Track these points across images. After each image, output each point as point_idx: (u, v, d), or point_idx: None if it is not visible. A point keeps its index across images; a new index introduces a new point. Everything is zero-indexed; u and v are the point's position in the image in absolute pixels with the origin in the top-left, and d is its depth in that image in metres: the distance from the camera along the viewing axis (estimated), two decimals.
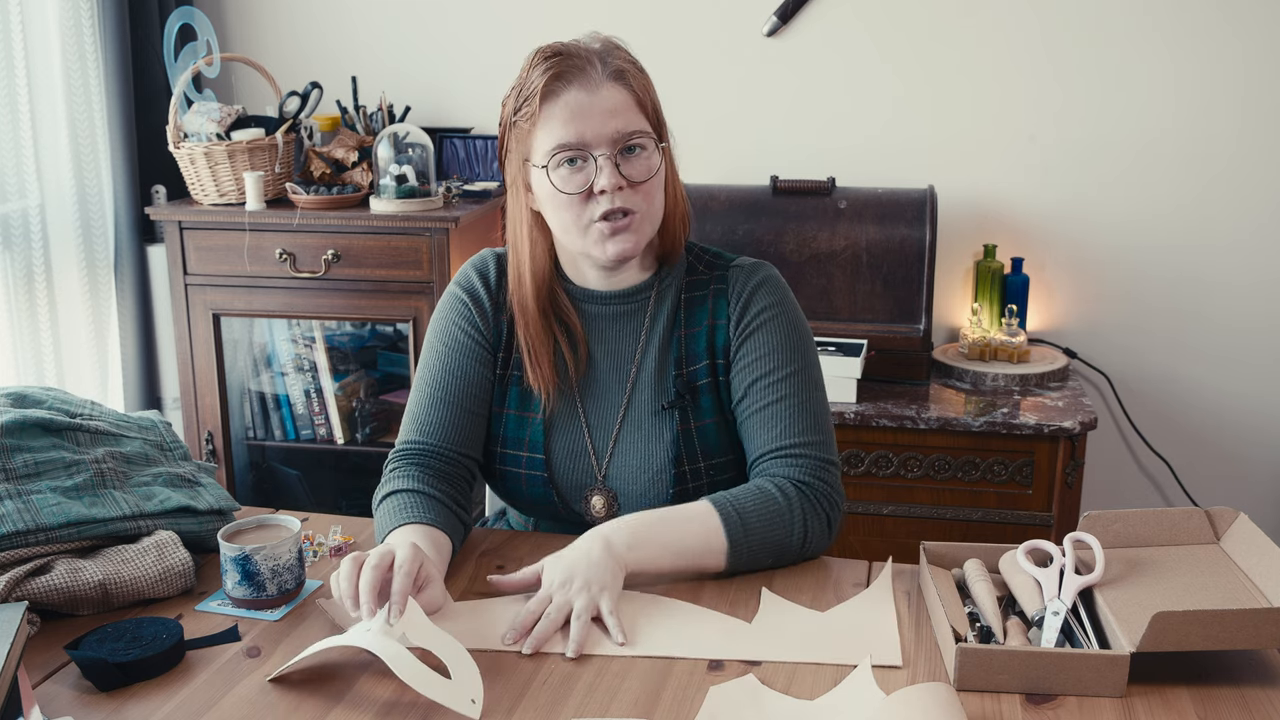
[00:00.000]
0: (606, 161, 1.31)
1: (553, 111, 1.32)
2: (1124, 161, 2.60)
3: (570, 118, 1.31)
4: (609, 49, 1.36)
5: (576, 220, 1.34)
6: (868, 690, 1.08)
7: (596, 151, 1.32)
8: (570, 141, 1.31)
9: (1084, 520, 1.27)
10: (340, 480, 2.95)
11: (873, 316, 2.47)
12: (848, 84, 2.68)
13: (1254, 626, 1.06)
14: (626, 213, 1.33)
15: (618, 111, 1.32)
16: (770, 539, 1.31)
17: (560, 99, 1.32)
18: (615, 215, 1.33)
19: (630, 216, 1.34)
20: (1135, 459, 2.74)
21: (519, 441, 1.45)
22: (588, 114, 1.31)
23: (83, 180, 2.63)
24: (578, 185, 1.33)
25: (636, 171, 1.34)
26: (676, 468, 1.41)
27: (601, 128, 1.31)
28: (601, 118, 1.31)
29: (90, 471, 1.32)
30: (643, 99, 1.35)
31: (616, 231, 1.34)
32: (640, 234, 1.36)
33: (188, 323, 2.66)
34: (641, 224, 1.35)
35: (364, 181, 2.65)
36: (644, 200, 1.35)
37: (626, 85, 1.34)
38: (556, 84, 1.32)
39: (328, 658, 1.14)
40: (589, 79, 1.32)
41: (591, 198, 1.33)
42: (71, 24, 2.55)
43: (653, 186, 1.35)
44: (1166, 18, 2.52)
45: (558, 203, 1.34)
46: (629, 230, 1.34)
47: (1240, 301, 2.62)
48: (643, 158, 1.34)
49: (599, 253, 1.36)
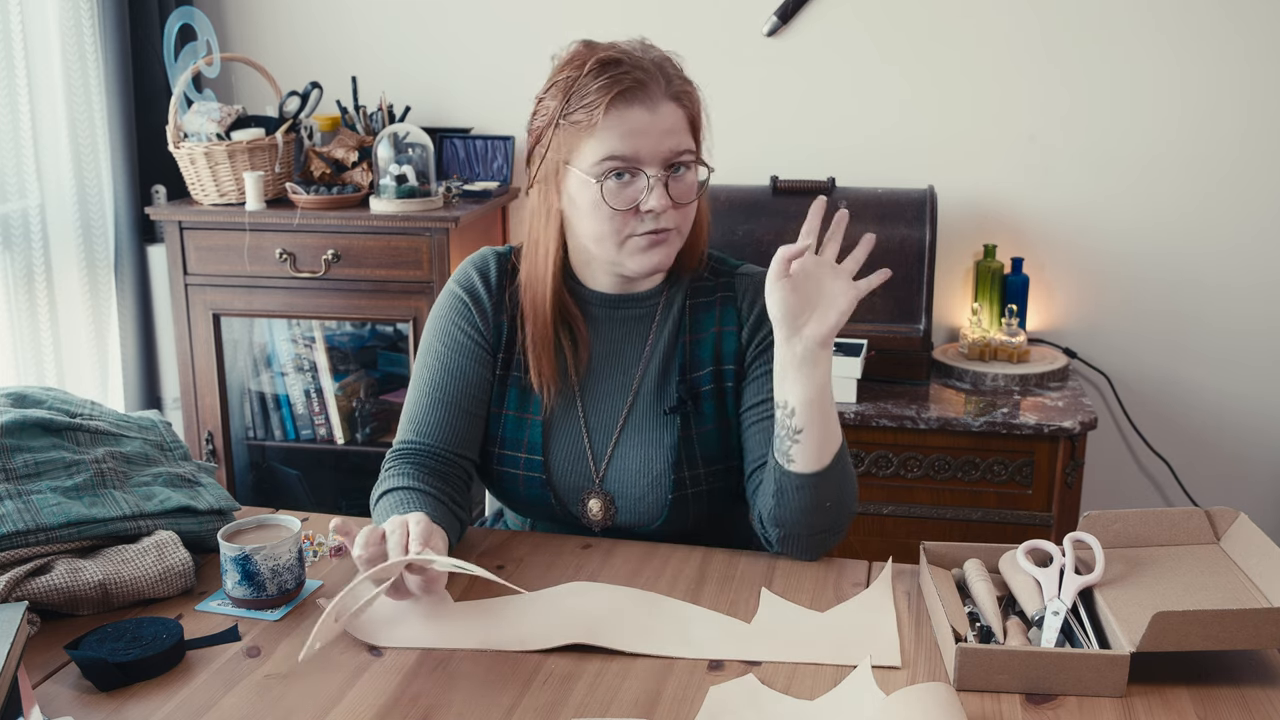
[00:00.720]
0: (658, 183, 1.31)
1: (612, 124, 1.30)
2: (1125, 161, 2.60)
3: (629, 133, 1.30)
4: (664, 64, 1.35)
5: (616, 233, 1.34)
6: (868, 690, 1.08)
7: (649, 170, 1.31)
8: (625, 155, 1.30)
9: (1084, 520, 1.28)
10: (340, 480, 2.95)
11: (873, 316, 2.47)
12: (848, 84, 2.68)
13: (1254, 626, 1.06)
14: (665, 230, 1.34)
15: (673, 131, 1.32)
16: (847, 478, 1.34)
17: (623, 114, 1.30)
18: (657, 231, 1.34)
19: (667, 233, 1.35)
20: (1135, 459, 2.74)
21: (517, 443, 1.44)
22: (647, 133, 1.31)
23: (83, 180, 2.63)
24: (626, 201, 1.32)
25: (682, 192, 1.34)
26: (676, 473, 1.41)
27: (657, 147, 1.31)
28: (658, 137, 1.31)
29: (90, 471, 1.32)
30: (695, 121, 1.36)
31: (654, 245, 1.35)
32: (673, 249, 1.37)
33: (188, 323, 2.66)
34: (675, 240, 1.37)
35: (364, 181, 2.65)
36: (683, 218, 1.36)
37: (684, 108, 1.34)
38: (621, 99, 1.30)
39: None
40: (651, 97, 1.31)
41: (636, 214, 1.33)
42: (71, 24, 2.55)
43: (692, 206, 1.37)
44: (1168, 18, 2.51)
45: (600, 214, 1.33)
46: (664, 245, 1.35)
47: (1241, 303, 2.62)
48: (688, 178, 1.35)
49: (634, 265, 1.36)
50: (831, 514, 1.33)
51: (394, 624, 1.21)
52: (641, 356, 1.45)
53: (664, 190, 1.32)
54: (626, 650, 1.16)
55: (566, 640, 1.17)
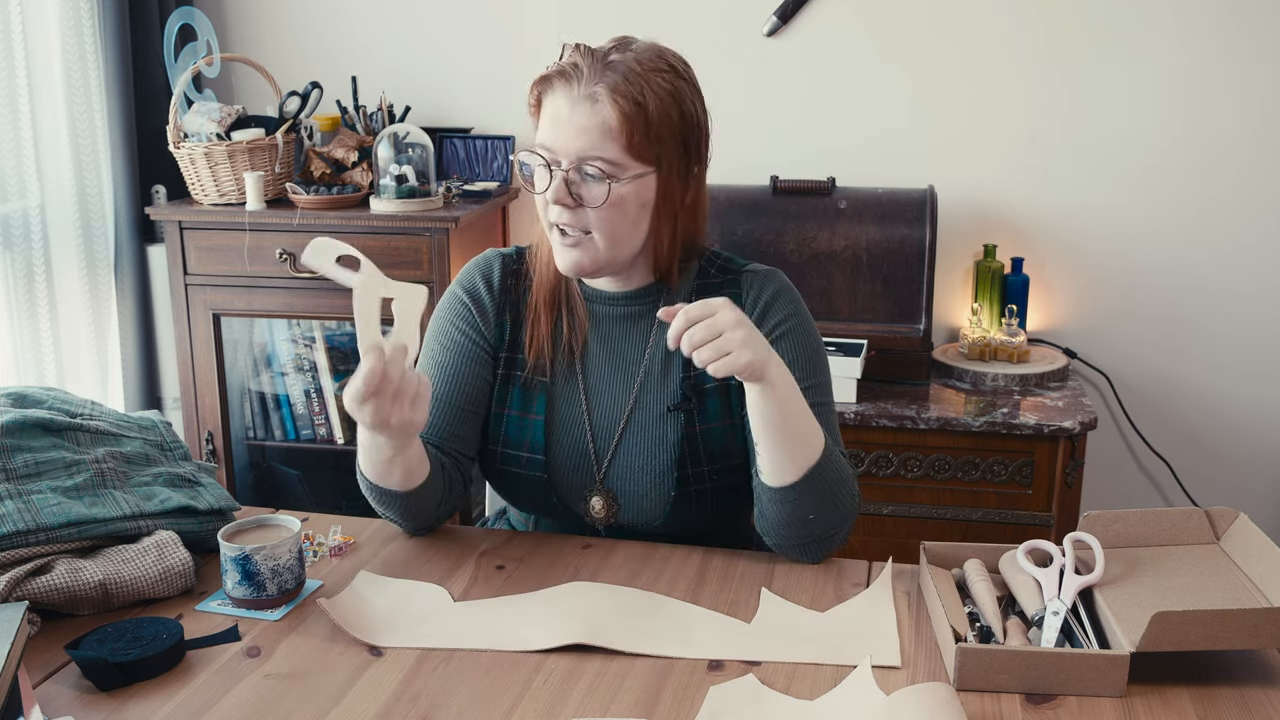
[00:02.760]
0: (560, 174, 1.32)
1: (544, 112, 1.34)
2: (1125, 162, 2.60)
3: (549, 121, 1.33)
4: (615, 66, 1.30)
5: (545, 221, 1.37)
6: (867, 690, 1.08)
7: (562, 161, 1.32)
8: (543, 142, 1.33)
9: (1084, 520, 1.28)
10: (340, 480, 2.95)
11: (873, 316, 2.47)
12: (848, 84, 2.68)
13: (1254, 626, 1.06)
14: (583, 229, 1.34)
15: (584, 132, 1.30)
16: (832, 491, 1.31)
17: (548, 101, 1.33)
18: (565, 229, 1.34)
19: (582, 235, 1.34)
20: (1135, 459, 2.74)
21: (519, 442, 1.45)
22: (559, 126, 1.32)
23: (83, 180, 2.63)
24: (537, 188, 1.34)
25: (589, 196, 1.32)
26: (680, 470, 1.41)
27: (568, 143, 1.31)
28: (570, 132, 1.31)
29: (90, 471, 1.32)
30: (621, 128, 1.29)
31: (567, 246, 1.36)
32: (591, 254, 1.35)
33: (188, 323, 2.66)
34: (592, 246, 1.35)
35: (364, 181, 2.65)
36: (600, 223, 1.33)
37: (600, 112, 1.29)
38: (545, 86, 1.33)
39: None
40: (570, 90, 1.31)
41: (548, 205, 1.34)
42: (71, 24, 2.55)
43: (609, 214, 1.32)
44: (1169, 17, 2.51)
45: (536, 201, 1.37)
46: (578, 248, 1.35)
47: (1242, 305, 2.61)
48: (594, 184, 1.31)
49: (556, 259, 1.38)
50: (817, 525, 1.32)
51: (394, 624, 1.21)
52: (644, 354, 1.45)
53: (563, 185, 1.31)
54: (626, 650, 1.16)
55: (566, 640, 1.17)
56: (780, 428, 1.27)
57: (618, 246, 1.36)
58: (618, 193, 1.31)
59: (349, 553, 1.39)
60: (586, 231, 1.34)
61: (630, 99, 1.29)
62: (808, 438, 1.29)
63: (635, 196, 1.33)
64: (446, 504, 1.42)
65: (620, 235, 1.35)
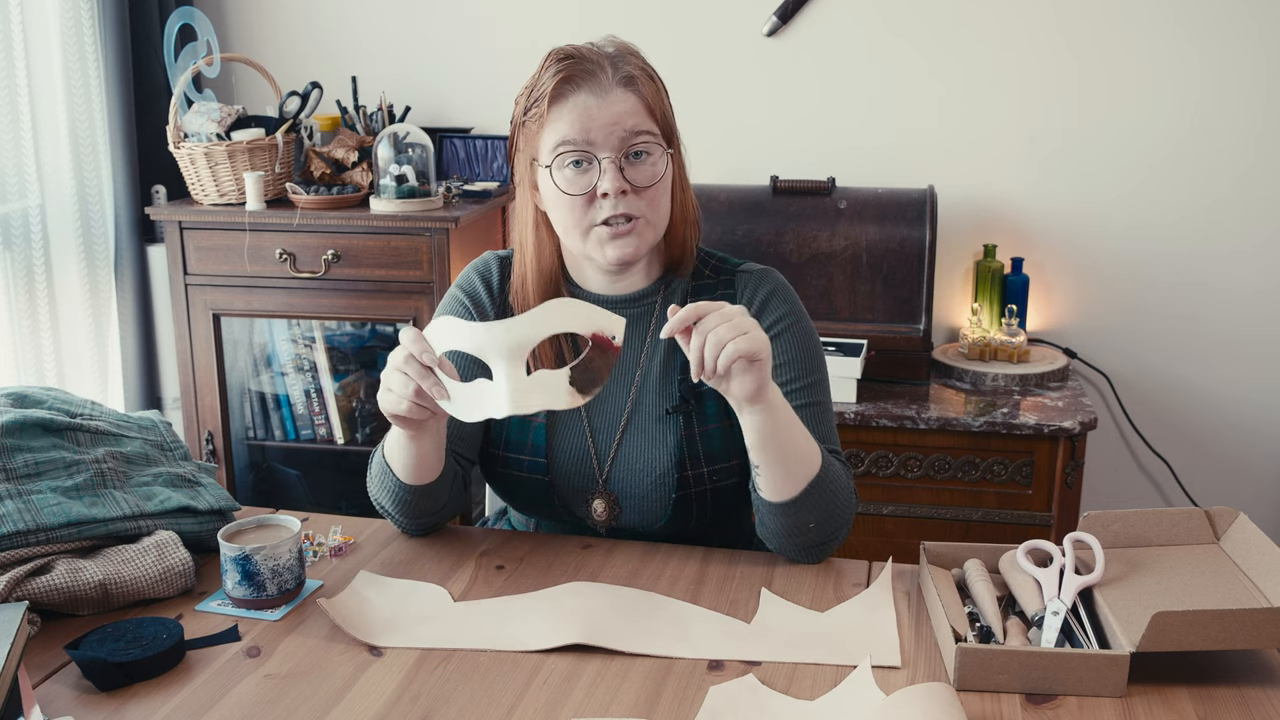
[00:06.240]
0: (610, 165, 1.31)
1: (560, 113, 1.32)
2: (1125, 162, 2.60)
3: (578, 118, 1.31)
4: (622, 54, 1.35)
5: (579, 222, 1.34)
6: (867, 690, 1.08)
7: (601, 154, 1.32)
8: (575, 139, 1.31)
9: (1084, 520, 1.28)
10: (340, 480, 2.95)
11: (873, 316, 2.47)
12: (848, 84, 2.68)
13: (1254, 626, 1.06)
14: (630, 218, 1.33)
15: (625, 115, 1.32)
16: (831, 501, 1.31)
17: (569, 101, 1.32)
18: (618, 220, 1.33)
19: (634, 222, 1.34)
20: (1135, 459, 2.74)
21: (521, 445, 1.45)
22: (595, 117, 1.31)
23: (83, 180, 2.63)
24: (581, 187, 1.33)
25: (641, 176, 1.33)
26: (680, 472, 1.41)
27: (609, 130, 1.31)
28: (609, 121, 1.31)
29: (90, 471, 1.32)
30: (652, 106, 1.34)
31: (618, 236, 1.34)
32: (643, 239, 1.36)
33: (188, 323, 2.66)
34: (645, 230, 1.35)
35: (364, 181, 2.65)
36: (648, 206, 1.34)
37: (636, 91, 1.33)
38: (566, 86, 1.32)
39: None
40: (599, 83, 1.32)
41: (595, 201, 1.33)
42: (71, 24, 2.55)
43: (657, 192, 1.35)
44: (1170, 17, 2.51)
45: (561, 204, 1.34)
46: (631, 235, 1.34)
47: (1242, 306, 2.62)
48: (648, 163, 1.34)
49: (600, 256, 1.36)
50: (817, 531, 1.33)
51: (394, 624, 1.21)
52: (641, 356, 1.45)
53: (618, 173, 1.32)
54: (626, 650, 1.16)
55: (566, 640, 1.17)
56: (779, 449, 1.27)
57: (658, 227, 1.38)
58: (662, 166, 1.35)
59: (349, 553, 1.39)
60: (633, 218, 1.34)
61: (649, 77, 1.35)
62: (806, 455, 1.29)
63: (666, 172, 1.36)
64: (449, 507, 1.42)
65: (663, 214, 1.38)
